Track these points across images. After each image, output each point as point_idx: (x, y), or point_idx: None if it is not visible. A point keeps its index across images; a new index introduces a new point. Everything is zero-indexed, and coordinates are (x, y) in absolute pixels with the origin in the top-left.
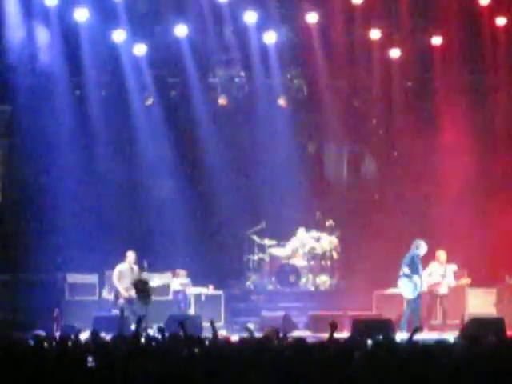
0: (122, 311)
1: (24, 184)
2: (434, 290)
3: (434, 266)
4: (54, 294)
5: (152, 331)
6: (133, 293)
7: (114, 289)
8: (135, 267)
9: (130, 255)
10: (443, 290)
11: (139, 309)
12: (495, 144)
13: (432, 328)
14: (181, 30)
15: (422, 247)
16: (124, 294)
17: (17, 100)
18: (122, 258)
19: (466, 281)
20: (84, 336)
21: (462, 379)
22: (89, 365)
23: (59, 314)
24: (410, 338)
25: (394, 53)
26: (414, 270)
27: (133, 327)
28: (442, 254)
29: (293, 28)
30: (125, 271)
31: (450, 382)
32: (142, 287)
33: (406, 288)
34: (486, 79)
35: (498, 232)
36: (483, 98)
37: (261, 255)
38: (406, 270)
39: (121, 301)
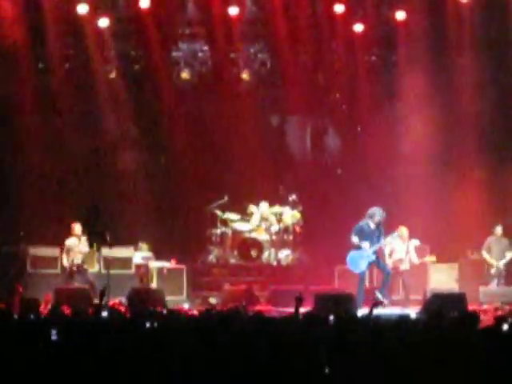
0: (92, 284)
1: None
2: (397, 267)
3: (396, 243)
4: (16, 267)
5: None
6: (79, 262)
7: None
8: (83, 238)
9: (75, 227)
10: (405, 266)
11: (92, 280)
12: (459, 120)
13: (394, 303)
14: (144, 3)
15: (376, 215)
16: (66, 265)
17: None
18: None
19: (431, 258)
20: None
21: (423, 354)
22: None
23: (20, 287)
24: (370, 312)
25: (358, 27)
26: (364, 239)
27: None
28: (404, 230)
29: (257, 2)
30: (71, 245)
31: (411, 357)
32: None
33: (352, 263)
34: (449, 55)
35: (460, 207)
36: (446, 73)
37: (223, 229)
38: (354, 239)
39: (65, 275)
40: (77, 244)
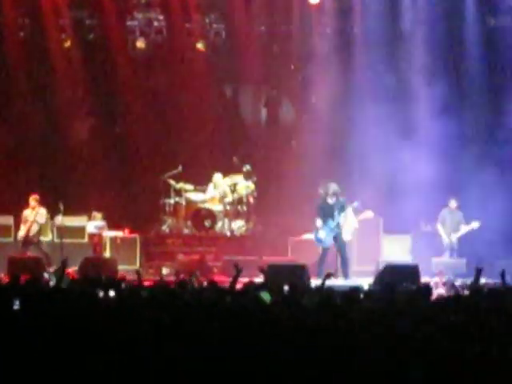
0: (46, 254)
1: None
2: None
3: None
4: None
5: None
6: (34, 233)
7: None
8: (40, 209)
9: (34, 198)
10: (346, 236)
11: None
12: (412, 87)
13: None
14: None
15: (330, 187)
16: (21, 235)
17: None
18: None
19: (367, 214)
20: None
21: (376, 326)
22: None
23: None
24: (322, 283)
25: None
26: (326, 217)
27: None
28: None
29: None
30: (28, 215)
31: (362, 329)
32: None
33: (318, 238)
34: (403, 29)
35: (413, 178)
36: (399, 47)
37: (177, 199)
38: (317, 222)
39: (20, 244)
40: (33, 215)
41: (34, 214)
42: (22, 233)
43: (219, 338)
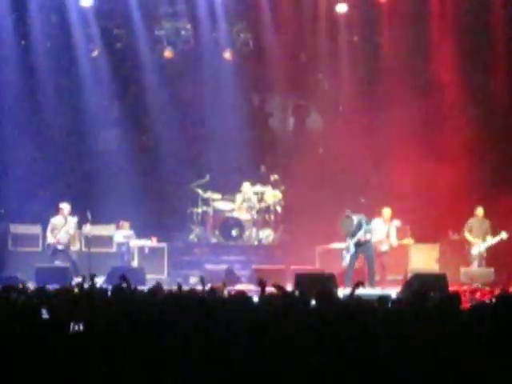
0: (74, 262)
1: None
2: (377, 248)
3: (378, 223)
4: None
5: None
6: (65, 242)
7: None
8: (70, 219)
9: (64, 207)
10: (385, 247)
11: (74, 259)
12: (439, 103)
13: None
14: None
15: (355, 221)
16: (51, 242)
17: None
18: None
19: (408, 241)
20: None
21: (405, 334)
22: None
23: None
24: (352, 292)
25: (341, 7)
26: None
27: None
28: (386, 212)
29: None
30: (57, 223)
31: (392, 337)
32: None
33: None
34: (431, 36)
35: (441, 188)
36: (427, 53)
37: (204, 208)
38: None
39: (48, 252)
40: (63, 224)
41: (64, 223)
42: (51, 240)
43: (246, 347)
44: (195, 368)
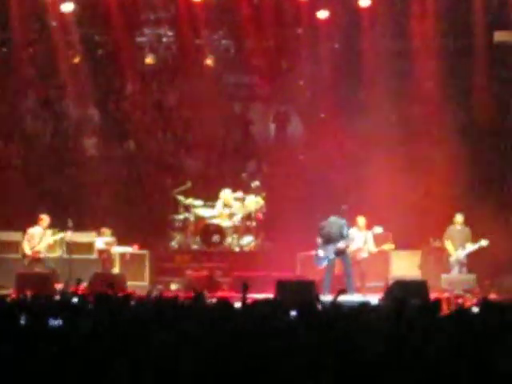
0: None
1: None
2: (355, 256)
3: (353, 232)
4: None
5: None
6: (41, 254)
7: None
8: (48, 232)
9: (44, 219)
10: (363, 254)
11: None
12: (422, 108)
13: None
14: None
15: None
16: (28, 253)
17: None
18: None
19: (389, 246)
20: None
21: (385, 340)
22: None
23: None
24: (334, 299)
25: (322, 14)
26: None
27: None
28: (361, 220)
29: None
30: (35, 234)
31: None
32: None
33: (316, 260)
34: (412, 42)
35: (422, 195)
36: (408, 61)
37: (186, 215)
38: (318, 240)
39: (25, 261)
40: (41, 234)
41: (42, 234)
42: (28, 251)
43: (228, 353)
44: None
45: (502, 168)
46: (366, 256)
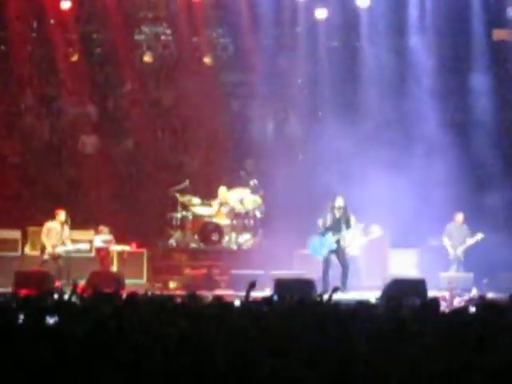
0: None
1: None
2: (349, 253)
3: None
4: None
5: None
6: (60, 251)
7: (41, 244)
8: (66, 227)
9: (60, 213)
10: (354, 251)
11: (64, 266)
12: (420, 104)
13: (349, 289)
14: None
15: (336, 201)
16: (49, 250)
17: None
18: (45, 213)
19: (377, 233)
20: None
21: (384, 339)
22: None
23: None
24: (330, 297)
25: (321, 13)
26: (328, 229)
27: (57, 283)
28: (351, 218)
29: None
30: (52, 229)
31: (371, 342)
32: None
33: (313, 248)
34: (408, 42)
35: (419, 193)
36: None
37: (184, 213)
38: (319, 222)
39: (45, 257)
40: (58, 230)
41: (60, 230)
42: (48, 246)
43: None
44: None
45: (500, 165)
46: (358, 253)
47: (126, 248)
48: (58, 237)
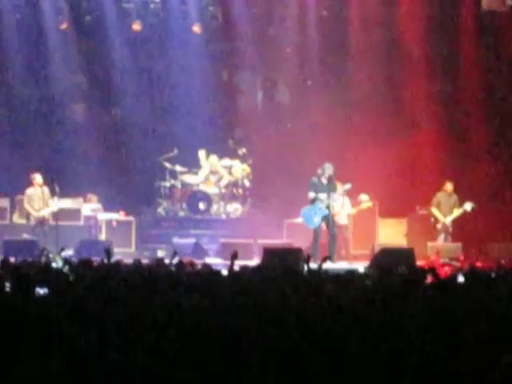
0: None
1: None
2: (337, 222)
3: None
4: None
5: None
6: (45, 214)
7: (26, 212)
8: (45, 189)
9: (36, 177)
10: (342, 220)
11: (50, 231)
12: (409, 74)
13: (338, 258)
14: None
15: (326, 169)
16: (35, 214)
17: None
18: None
19: (366, 204)
20: None
21: (372, 308)
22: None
23: None
24: (319, 266)
25: None
26: (317, 192)
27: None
28: (339, 187)
29: None
30: (33, 194)
31: (359, 310)
32: None
33: (306, 218)
34: (400, 10)
35: (408, 162)
36: (396, 28)
37: (172, 182)
38: (310, 194)
39: (32, 222)
40: (39, 193)
41: (41, 192)
42: (33, 212)
43: (214, 321)
44: (166, 343)
45: (490, 136)
46: (346, 222)
47: (115, 216)
48: (41, 200)
